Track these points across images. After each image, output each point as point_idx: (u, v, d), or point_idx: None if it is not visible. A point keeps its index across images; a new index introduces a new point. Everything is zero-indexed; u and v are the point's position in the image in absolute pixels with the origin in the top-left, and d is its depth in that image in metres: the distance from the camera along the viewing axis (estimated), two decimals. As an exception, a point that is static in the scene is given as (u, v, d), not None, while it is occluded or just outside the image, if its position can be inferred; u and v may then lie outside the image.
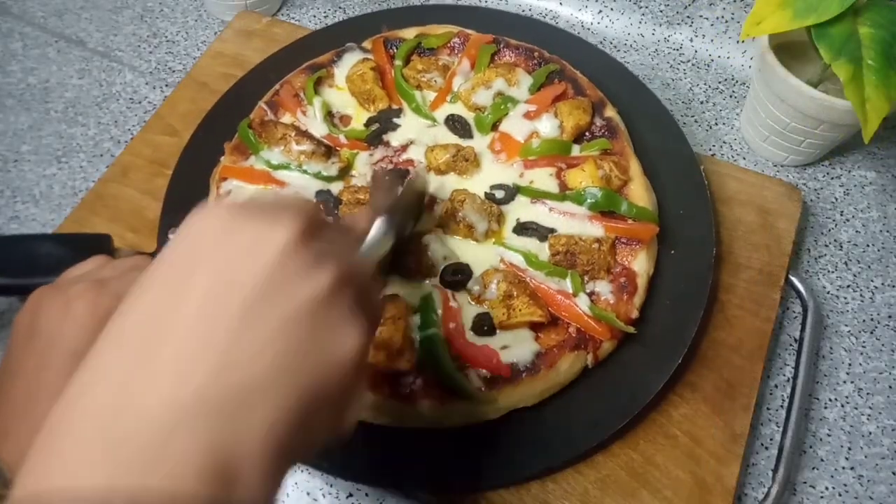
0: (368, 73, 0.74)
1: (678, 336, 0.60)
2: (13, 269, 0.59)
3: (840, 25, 0.64)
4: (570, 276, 0.61)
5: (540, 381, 0.57)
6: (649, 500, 0.56)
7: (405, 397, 0.55)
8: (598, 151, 0.69)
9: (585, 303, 0.60)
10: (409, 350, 0.56)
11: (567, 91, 0.73)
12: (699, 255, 0.64)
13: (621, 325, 0.59)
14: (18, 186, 0.76)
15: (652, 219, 0.64)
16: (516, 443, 0.56)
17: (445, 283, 0.61)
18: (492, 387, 0.56)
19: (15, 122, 0.81)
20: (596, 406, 0.57)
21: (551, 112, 0.70)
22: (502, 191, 0.67)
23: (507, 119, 0.71)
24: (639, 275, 0.62)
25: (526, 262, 0.63)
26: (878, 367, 0.66)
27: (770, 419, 0.62)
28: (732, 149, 0.80)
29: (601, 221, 0.64)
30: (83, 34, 0.90)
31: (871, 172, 0.78)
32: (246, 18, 0.88)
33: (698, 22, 0.87)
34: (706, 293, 0.62)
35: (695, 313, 0.61)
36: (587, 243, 0.62)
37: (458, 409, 0.56)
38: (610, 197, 0.64)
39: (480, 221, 0.64)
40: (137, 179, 0.73)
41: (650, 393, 0.57)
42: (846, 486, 0.59)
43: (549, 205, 0.66)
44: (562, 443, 0.56)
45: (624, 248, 0.64)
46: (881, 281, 0.71)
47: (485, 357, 0.57)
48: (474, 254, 0.64)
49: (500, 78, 0.73)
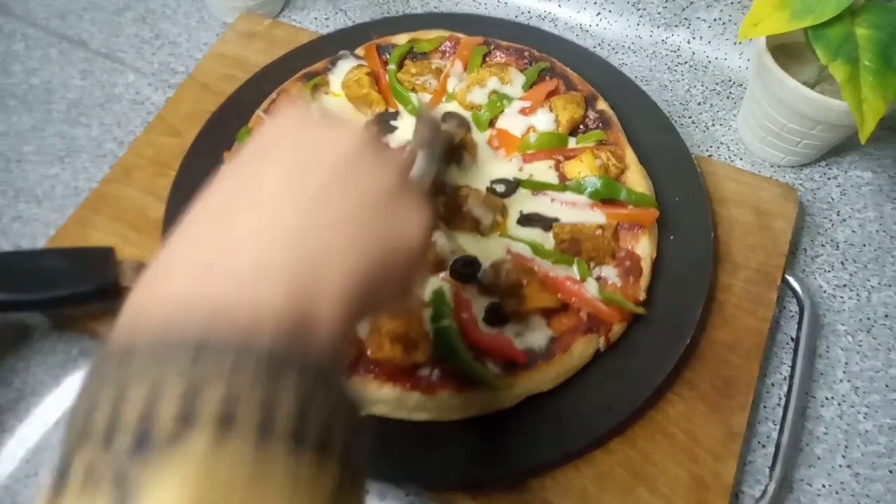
0: (364, 79, 0.75)
1: (685, 316, 0.62)
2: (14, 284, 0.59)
3: (837, 27, 0.64)
4: (576, 262, 0.63)
5: (555, 365, 0.58)
6: (647, 497, 0.56)
7: (425, 388, 0.56)
8: (594, 142, 0.70)
9: (594, 287, 0.61)
10: (424, 342, 0.57)
11: (559, 87, 0.74)
12: (698, 238, 0.66)
13: (631, 306, 0.60)
14: (21, 187, 0.76)
15: (651, 203, 0.66)
16: (533, 429, 0.57)
17: (456, 275, 0.62)
18: (508, 373, 0.57)
19: (17, 123, 0.82)
20: (610, 389, 0.59)
21: (546, 107, 0.72)
22: (503, 185, 0.68)
23: (503, 116, 0.73)
24: (643, 258, 0.63)
25: (532, 252, 0.64)
26: (874, 366, 0.66)
27: (767, 417, 0.63)
28: (729, 149, 0.81)
29: (603, 209, 0.66)
30: (85, 35, 0.91)
31: (868, 173, 0.79)
32: (248, 20, 0.88)
33: (696, 24, 0.88)
34: (708, 274, 0.64)
35: (699, 294, 0.63)
36: (591, 230, 0.64)
37: (476, 397, 0.57)
38: (609, 184, 0.66)
39: (486, 215, 0.65)
40: (140, 179, 0.74)
41: (663, 372, 0.59)
42: (843, 483, 0.60)
43: (551, 196, 0.67)
44: (579, 427, 0.57)
45: (626, 233, 0.65)
46: (877, 280, 0.71)
47: (500, 345, 0.58)
48: (481, 247, 0.65)
49: (493, 77, 0.74)
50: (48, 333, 0.66)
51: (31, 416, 0.62)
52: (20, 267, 0.61)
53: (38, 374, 0.64)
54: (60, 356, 0.65)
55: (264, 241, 0.31)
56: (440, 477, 0.56)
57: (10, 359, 0.64)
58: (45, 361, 0.65)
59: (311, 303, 0.30)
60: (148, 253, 0.67)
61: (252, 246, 0.31)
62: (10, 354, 0.64)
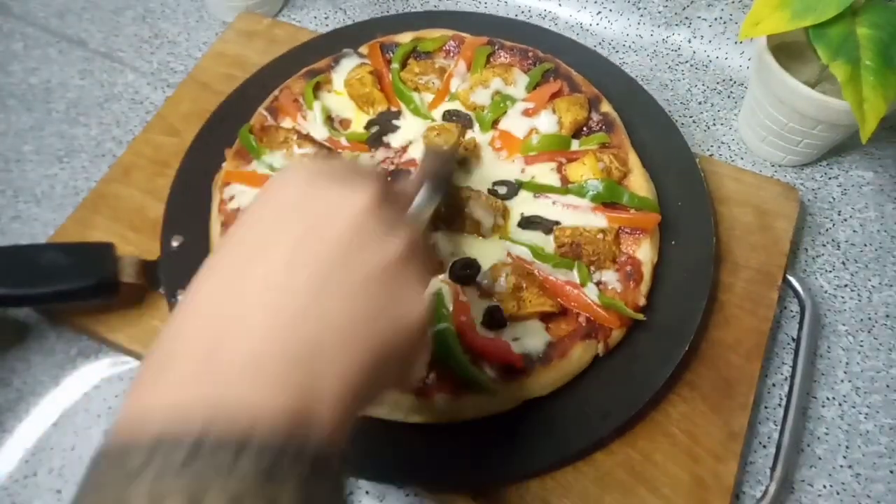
0: (367, 77, 0.75)
1: (685, 322, 0.61)
2: (14, 279, 0.59)
3: (838, 26, 0.64)
4: (576, 266, 0.62)
5: (553, 370, 0.57)
6: (648, 497, 0.56)
7: (420, 392, 0.56)
8: (597, 145, 0.70)
9: (594, 292, 0.61)
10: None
11: (563, 88, 0.74)
12: (700, 244, 0.66)
13: (630, 312, 0.60)
14: (20, 186, 0.76)
15: (654, 208, 0.66)
16: (530, 433, 0.57)
17: (455, 277, 0.62)
18: (505, 378, 0.57)
19: (17, 123, 0.82)
20: (608, 394, 0.58)
21: (549, 109, 0.72)
22: (505, 187, 0.68)
23: (506, 117, 0.72)
24: (643, 263, 0.63)
25: (533, 256, 0.64)
26: (875, 366, 0.66)
27: (768, 418, 0.63)
28: (730, 149, 0.81)
29: (604, 212, 0.65)
30: (85, 35, 0.91)
31: (869, 172, 0.79)
32: (247, 20, 0.88)
33: (696, 23, 0.88)
34: (709, 280, 0.64)
35: (699, 300, 0.62)
36: (592, 234, 0.63)
37: (472, 401, 0.56)
38: (612, 188, 0.66)
39: (487, 217, 0.65)
40: (139, 179, 0.74)
41: (661, 378, 0.58)
42: (844, 484, 0.60)
43: (552, 198, 0.67)
44: (576, 432, 0.57)
45: (628, 237, 0.65)
46: (878, 280, 0.71)
47: (497, 348, 0.58)
48: (481, 250, 0.65)
49: (497, 77, 0.74)
50: (47, 332, 0.66)
51: (30, 417, 0.62)
52: (20, 262, 0.61)
53: (37, 374, 0.64)
54: (59, 356, 0.65)
55: (265, 329, 0.31)
56: (438, 478, 0.56)
57: (9, 359, 0.64)
58: (44, 362, 0.64)
59: (310, 400, 0.30)
60: (147, 252, 0.67)
61: (252, 334, 0.31)
62: (9, 353, 0.64)
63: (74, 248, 0.63)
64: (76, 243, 0.66)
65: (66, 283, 0.60)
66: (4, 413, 0.62)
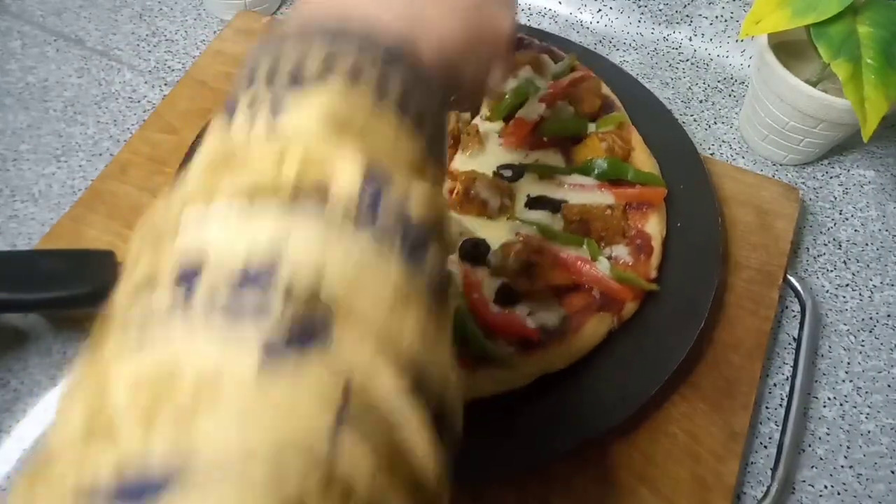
0: None
1: (697, 296, 0.61)
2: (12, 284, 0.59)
3: (839, 24, 0.64)
4: (586, 242, 0.63)
5: (568, 343, 0.58)
6: (649, 497, 0.56)
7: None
8: (615, 126, 0.70)
9: (606, 266, 0.61)
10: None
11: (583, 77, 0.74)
12: (705, 222, 0.66)
13: (643, 283, 0.60)
14: (17, 185, 0.76)
15: (659, 182, 0.66)
16: (548, 413, 0.56)
17: (465, 256, 0.62)
18: (522, 351, 0.57)
19: (14, 121, 0.81)
20: (624, 371, 0.58)
21: (565, 100, 0.72)
22: (510, 170, 0.68)
23: (526, 104, 0.71)
24: (653, 237, 0.63)
25: (541, 234, 0.64)
26: (876, 366, 0.66)
27: (769, 418, 0.63)
28: (731, 148, 0.80)
29: (610, 189, 0.66)
30: (82, 33, 0.90)
31: (870, 171, 0.79)
32: (245, 18, 0.88)
33: (697, 21, 0.87)
34: (719, 255, 0.64)
35: (712, 274, 0.63)
36: (600, 210, 0.64)
37: (489, 375, 0.56)
38: (616, 165, 0.66)
39: (493, 197, 0.65)
40: (136, 177, 0.73)
41: (679, 354, 0.58)
42: (845, 484, 0.60)
43: (558, 179, 0.67)
44: (594, 411, 0.56)
45: (635, 213, 0.65)
46: (880, 280, 0.71)
47: (512, 323, 0.58)
48: (489, 231, 0.65)
49: (527, 66, 0.73)
50: (44, 332, 0.65)
51: (27, 417, 0.61)
52: (19, 267, 0.61)
53: (35, 374, 0.63)
54: (57, 357, 0.64)
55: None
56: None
57: (7, 359, 0.64)
58: (42, 362, 0.64)
59: (415, 29, 0.35)
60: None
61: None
62: (6, 353, 0.64)
63: (73, 255, 0.63)
64: (77, 250, 0.66)
65: (64, 289, 0.60)
66: (2, 413, 0.61)
